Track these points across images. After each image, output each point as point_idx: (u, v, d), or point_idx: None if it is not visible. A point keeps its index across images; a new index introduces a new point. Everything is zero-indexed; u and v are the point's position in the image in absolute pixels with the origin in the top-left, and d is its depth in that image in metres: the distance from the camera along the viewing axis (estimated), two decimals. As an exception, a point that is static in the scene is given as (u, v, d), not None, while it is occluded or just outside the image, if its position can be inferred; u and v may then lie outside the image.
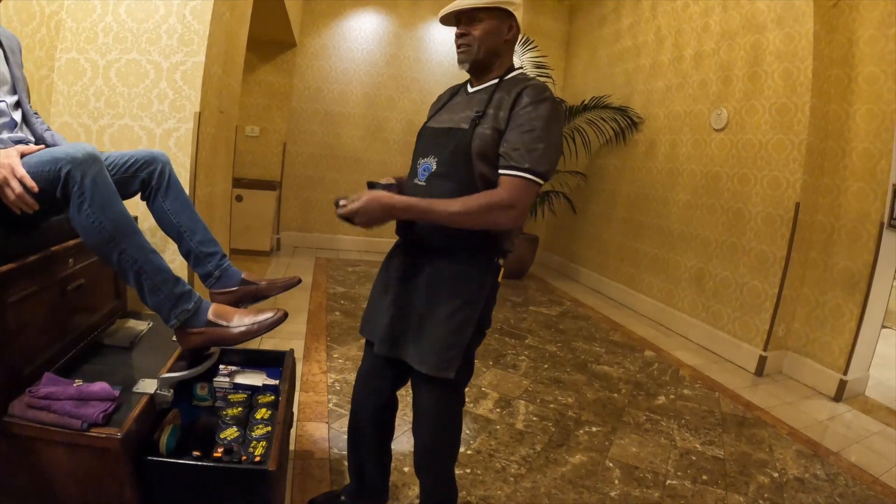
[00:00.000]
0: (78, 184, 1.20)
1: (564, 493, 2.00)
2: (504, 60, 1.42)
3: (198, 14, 2.19)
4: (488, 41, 1.36)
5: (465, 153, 1.32)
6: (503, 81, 1.39)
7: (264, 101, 5.69)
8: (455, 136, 1.35)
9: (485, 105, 1.35)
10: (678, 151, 4.54)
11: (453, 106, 1.47)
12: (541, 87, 1.33)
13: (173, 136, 2.22)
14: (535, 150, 1.27)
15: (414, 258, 1.43)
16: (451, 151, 1.35)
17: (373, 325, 1.51)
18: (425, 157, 1.41)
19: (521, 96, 1.31)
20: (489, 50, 1.37)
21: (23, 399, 1.22)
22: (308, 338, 3.26)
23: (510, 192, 1.27)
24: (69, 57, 2.15)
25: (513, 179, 1.27)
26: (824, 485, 2.27)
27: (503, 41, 1.38)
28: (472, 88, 1.45)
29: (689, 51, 4.49)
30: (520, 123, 1.29)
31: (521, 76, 1.41)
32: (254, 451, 1.36)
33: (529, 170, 1.26)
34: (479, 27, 1.35)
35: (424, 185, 1.38)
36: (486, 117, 1.33)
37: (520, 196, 1.27)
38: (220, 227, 2.91)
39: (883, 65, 3.17)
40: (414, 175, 1.43)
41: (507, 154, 1.28)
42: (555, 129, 1.31)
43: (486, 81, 1.42)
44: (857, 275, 3.26)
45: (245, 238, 5.15)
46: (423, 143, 1.45)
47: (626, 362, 3.52)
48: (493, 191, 1.28)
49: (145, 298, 1.32)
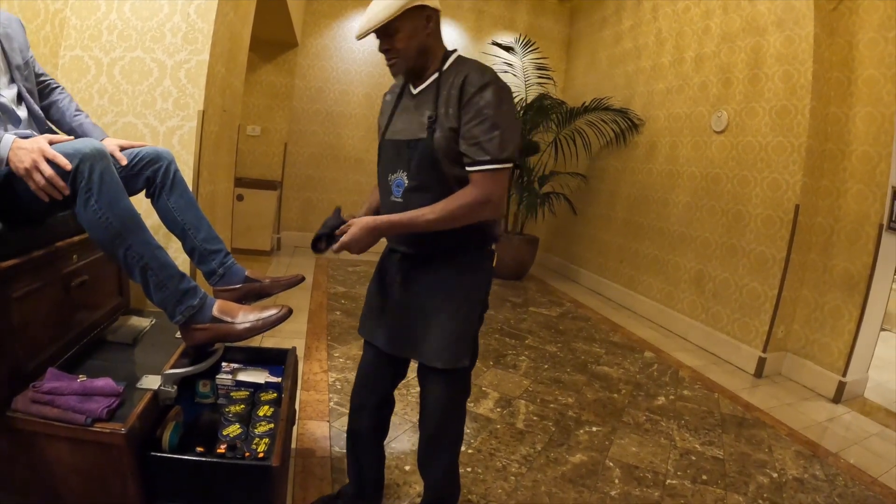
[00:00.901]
0: (85, 179, 1.20)
1: (565, 492, 2.01)
2: (435, 52, 1.38)
3: (202, 13, 2.20)
4: (413, 45, 1.33)
5: (432, 162, 1.32)
6: (443, 73, 1.36)
7: (266, 101, 5.69)
8: (417, 147, 1.34)
9: (434, 106, 1.34)
10: (678, 153, 4.55)
11: (403, 112, 1.43)
12: (479, 69, 1.32)
13: (177, 133, 2.22)
14: (493, 139, 1.27)
15: (411, 261, 1.45)
16: (417, 164, 1.34)
17: (375, 327, 1.53)
18: (394, 172, 1.40)
19: (464, 86, 1.29)
20: (418, 52, 1.34)
21: (27, 394, 1.23)
22: (309, 337, 3.26)
23: (481, 187, 1.29)
24: (73, 54, 2.16)
25: (480, 174, 1.29)
26: (823, 485, 2.28)
27: (427, 35, 1.34)
28: (416, 89, 1.41)
29: (690, 53, 4.50)
30: (471, 116, 1.28)
31: (458, 60, 1.39)
32: (256, 448, 1.36)
33: (492, 160, 1.28)
34: (398, 37, 1.31)
35: (401, 202, 1.38)
36: (439, 120, 1.32)
37: (492, 188, 1.30)
38: (222, 226, 2.91)
39: (882, 68, 3.18)
40: (388, 192, 1.42)
41: (468, 151, 1.29)
42: (505, 109, 1.30)
43: (426, 79, 1.39)
44: (856, 277, 3.27)
45: (246, 237, 5.15)
46: (387, 158, 1.43)
47: (625, 363, 3.52)
48: (465, 190, 1.31)
49: (150, 294, 1.33)
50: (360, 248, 1.30)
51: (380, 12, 1.25)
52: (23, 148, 1.18)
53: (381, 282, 1.54)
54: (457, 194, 1.30)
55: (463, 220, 1.31)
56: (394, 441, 2.16)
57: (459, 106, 1.29)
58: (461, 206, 1.29)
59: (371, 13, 1.27)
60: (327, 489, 1.83)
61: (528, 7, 6.47)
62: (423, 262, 1.44)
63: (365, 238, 1.29)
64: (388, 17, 1.25)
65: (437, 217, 1.28)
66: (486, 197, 1.29)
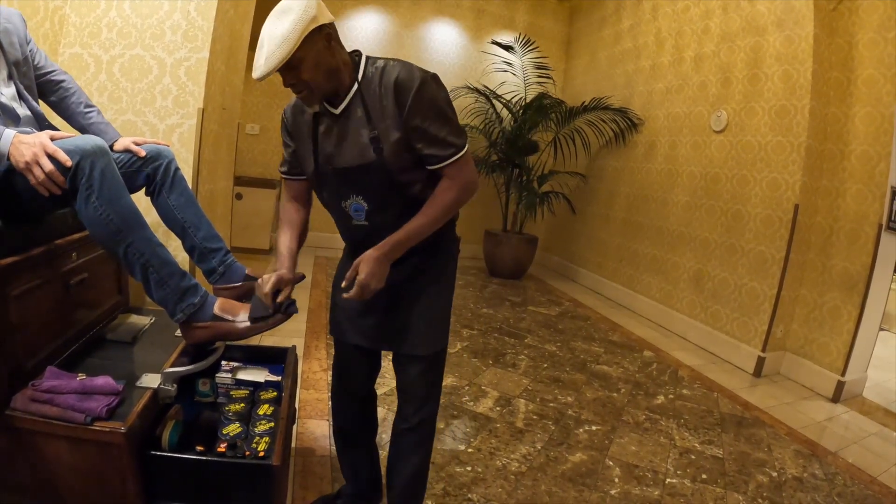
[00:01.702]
0: (86, 176, 1.20)
1: (565, 491, 2.01)
2: (344, 66, 1.26)
3: (202, 10, 2.19)
4: (321, 71, 1.20)
5: (389, 181, 1.29)
6: (362, 84, 1.27)
7: (265, 100, 5.69)
8: (370, 170, 1.27)
9: (369, 123, 1.26)
10: (678, 153, 4.55)
11: (330, 135, 1.32)
12: (406, 69, 1.24)
13: (176, 131, 2.22)
14: (451, 130, 1.27)
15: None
16: (376, 187, 1.30)
17: (349, 325, 1.50)
18: (346, 199, 1.34)
19: (398, 92, 1.22)
20: (327, 76, 1.22)
21: (26, 393, 1.22)
22: (308, 336, 3.26)
23: (458, 177, 1.30)
24: (72, 52, 2.15)
25: (452, 166, 1.29)
26: (823, 484, 2.28)
27: (331, 56, 1.22)
28: (337, 109, 1.29)
29: (690, 53, 4.51)
30: (421, 119, 1.24)
31: (374, 66, 1.28)
32: (257, 447, 1.36)
33: (456, 150, 1.28)
34: (303, 68, 1.17)
35: (366, 224, 1.35)
36: (381, 136, 1.25)
37: (467, 173, 1.31)
38: (221, 225, 2.91)
39: (882, 68, 3.18)
40: (346, 217, 1.38)
41: (432, 151, 1.27)
42: (443, 96, 1.27)
43: (344, 95, 1.28)
44: (855, 276, 3.27)
45: (245, 236, 5.14)
46: (334, 187, 1.35)
47: (625, 362, 3.53)
48: (444, 186, 1.30)
49: (151, 292, 1.32)
50: (380, 281, 1.27)
51: (276, 50, 1.11)
52: (24, 143, 1.17)
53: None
54: (439, 193, 1.30)
55: (454, 212, 1.34)
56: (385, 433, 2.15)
57: (400, 114, 1.23)
58: (451, 202, 1.30)
59: (266, 51, 1.12)
60: (327, 488, 1.83)
61: (527, 6, 6.46)
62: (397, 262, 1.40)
63: (381, 270, 1.26)
64: (288, 52, 1.12)
65: (433, 221, 1.29)
66: (466, 184, 1.31)
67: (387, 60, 1.28)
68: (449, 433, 2.32)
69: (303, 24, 1.13)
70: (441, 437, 2.26)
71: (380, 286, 1.27)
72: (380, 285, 1.27)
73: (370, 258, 1.26)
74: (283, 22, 1.12)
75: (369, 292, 1.26)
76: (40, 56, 1.60)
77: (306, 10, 1.14)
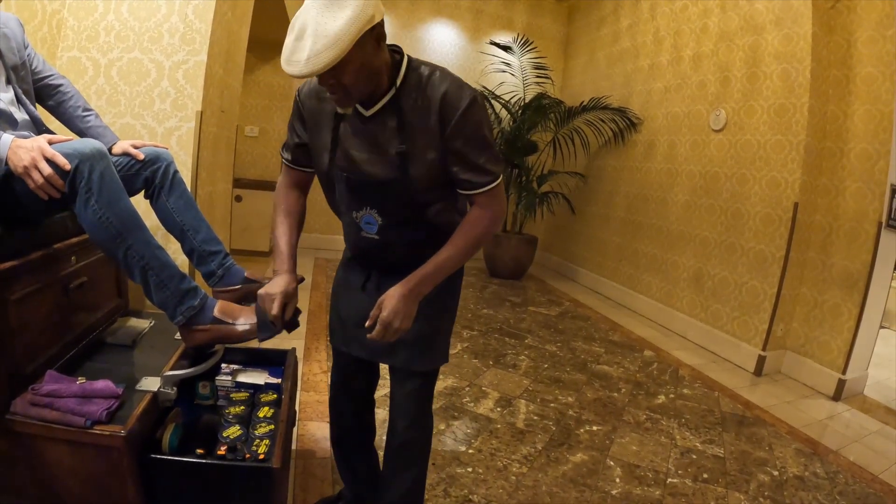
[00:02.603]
0: (85, 179, 1.20)
1: (566, 492, 2.00)
2: (386, 65, 1.13)
3: (200, 13, 2.19)
4: (363, 75, 1.07)
5: (410, 199, 1.21)
6: (400, 90, 1.15)
7: (263, 102, 5.69)
8: (390, 186, 1.19)
9: (400, 137, 1.15)
10: (677, 152, 4.55)
11: (355, 137, 1.21)
12: (455, 84, 1.15)
13: (175, 134, 2.22)
14: (490, 158, 1.19)
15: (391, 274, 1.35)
16: (393, 203, 1.22)
17: (348, 336, 1.45)
18: (359, 209, 1.26)
19: (444, 109, 1.13)
20: (368, 79, 1.09)
21: (25, 397, 1.22)
22: (308, 337, 3.26)
23: (490, 206, 1.23)
24: (71, 55, 2.15)
25: (486, 195, 1.21)
26: (824, 483, 2.28)
27: (377, 56, 1.09)
28: (368, 111, 1.18)
29: (688, 52, 4.51)
30: (464, 141, 1.15)
31: (416, 72, 1.17)
32: (257, 450, 1.36)
33: (492, 179, 1.21)
34: (347, 70, 1.03)
35: (378, 238, 1.28)
36: (412, 153, 1.16)
37: (499, 203, 1.24)
38: (221, 227, 2.91)
39: (881, 66, 3.18)
40: (356, 227, 1.30)
41: (469, 177, 1.19)
42: (487, 121, 1.20)
43: (379, 98, 1.16)
44: (855, 274, 3.27)
45: (244, 238, 5.14)
46: (347, 194, 1.26)
47: (625, 362, 3.52)
48: (476, 215, 1.23)
49: (151, 295, 1.32)
50: (406, 320, 1.18)
51: (324, 52, 0.96)
52: (22, 147, 1.17)
53: (350, 290, 1.45)
54: (471, 223, 1.22)
55: (484, 243, 1.26)
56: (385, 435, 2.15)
57: (442, 132, 1.14)
58: (482, 233, 1.22)
59: (311, 48, 0.96)
60: (328, 490, 1.83)
61: (525, 6, 6.47)
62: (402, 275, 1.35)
63: (406, 308, 1.17)
64: (338, 56, 0.97)
65: (464, 253, 1.22)
66: (498, 214, 1.24)
67: (432, 69, 1.17)
68: (450, 434, 2.32)
69: (360, 23, 0.98)
70: (442, 438, 2.26)
71: (406, 326, 1.18)
72: (406, 325, 1.18)
73: (395, 295, 1.16)
74: (335, 17, 0.96)
75: (393, 332, 1.17)
76: (38, 60, 1.60)
77: (365, 7, 0.99)
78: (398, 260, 1.31)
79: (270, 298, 1.23)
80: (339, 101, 1.10)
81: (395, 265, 1.32)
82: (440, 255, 1.21)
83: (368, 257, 1.36)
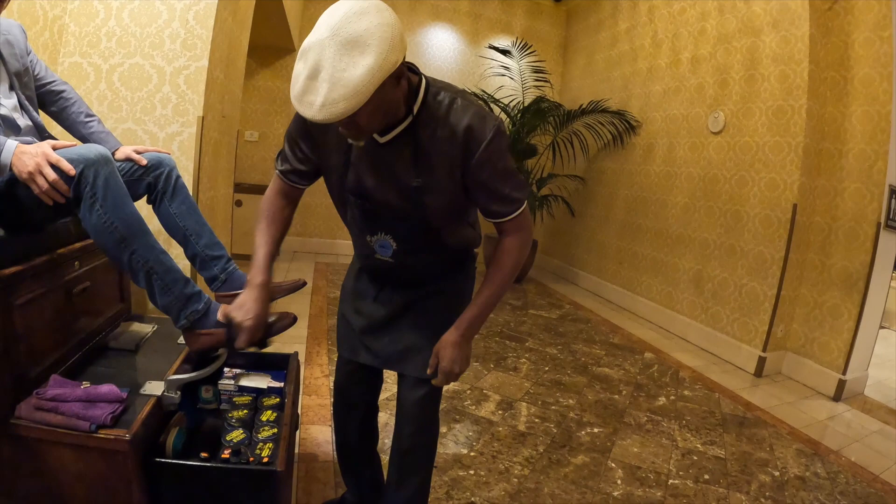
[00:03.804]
0: (90, 184, 1.20)
1: (567, 494, 2.01)
2: (404, 95, 1.07)
3: (200, 19, 2.21)
4: (380, 113, 1.02)
5: (426, 228, 1.21)
6: (419, 118, 1.10)
7: (264, 107, 5.70)
8: (405, 216, 1.18)
9: (415, 170, 1.12)
10: (676, 154, 4.56)
11: (368, 162, 1.16)
12: (478, 116, 1.10)
13: (176, 139, 2.23)
14: (515, 186, 1.19)
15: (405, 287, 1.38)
16: (408, 230, 1.22)
17: (357, 344, 1.45)
18: (373, 234, 1.25)
19: (469, 141, 1.09)
20: (384, 115, 1.04)
21: (30, 401, 1.22)
22: (310, 342, 3.26)
23: (518, 232, 1.24)
24: (72, 61, 2.16)
25: (513, 221, 1.22)
26: (825, 483, 2.28)
27: (395, 92, 1.02)
28: (383, 138, 1.12)
29: (686, 54, 4.53)
30: (488, 175, 1.13)
31: (436, 99, 1.11)
32: (261, 453, 1.36)
33: (518, 206, 1.21)
34: (362, 112, 0.95)
35: (392, 262, 1.28)
36: (429, 186, 1.13)
37: (527, 226, 1.26)
38: (222, 232, 2.92)
39: (878, 67, 3.20)
40: (370, 249, 1.29)
41: (497, 207, 1.19)
42: (508, 149, 1.17)
43: (395, 125, 1.10)
44: (854, 275, 3.28)
45: (245, 243, 5.13)
46: (360, 217, 1.25)
47: (626, 364, 3.53)
48: (508, 243, 1.24)
49: (155, 299, 1.33)
50: (464, 363, 1.24)
51: (341, 102, 0.89)
52: (26, 152, 1.18)
53: (360, 299, 1.46)
54: (505, 254, 1.23)
55: (519, 269, 1.27)
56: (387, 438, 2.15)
57: (465, 163, 1.11)
58: (517, 262, 1.24)
59: (326, 95, 0.89)
60: (331, 493, 1.83)
61: (524, 10, 6.49)
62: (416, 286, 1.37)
63: (462, 353, 1.23)
64: (356, 106, 0.91)
65: (504, 285, 1.24)
66: (526, 239, 1.26)
67: (452, 96, 1.11)
68: (451, 437, 2.33)
69: (382, 73, 0.91)
70: (444, 442, 2.27)
71: (465, 368, 1.24)
72: (465, 367, 1.24)
73: (450, 343, 1.22)
74: (355, 64, 0.88)
75: (454, 377, 1.24)
76: (40, 67, 1.61)
77: (389, 53, 0.91)
78: (413, 278, 1.34)
79: (239, 329, 1.21)
80: (352, 136, 1.06)
81: (409, 282, 1.34)
82: (482, 294, 1.23)
83: (382, 274, 1.37)
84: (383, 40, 0.90)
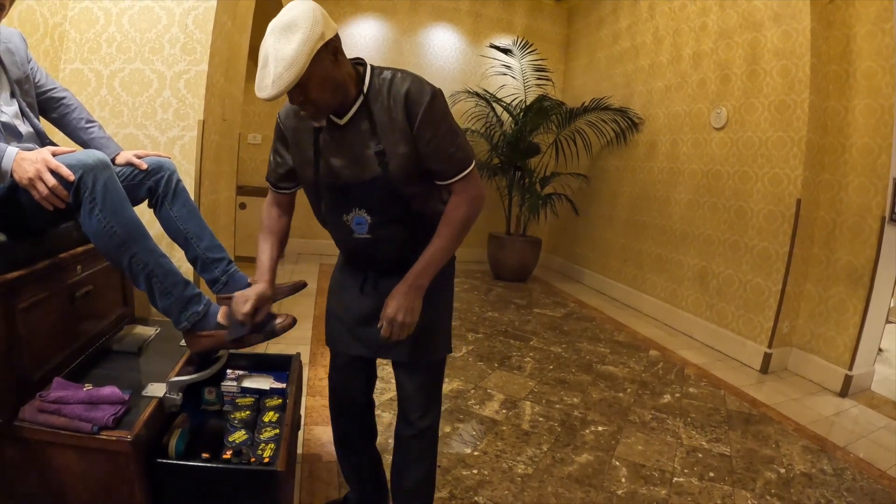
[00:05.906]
0: (89, 189, 1.22)
1: (571, 493, 2.01)
2: (350, 77, 1.22)
3: (200, 23, 2.22)
4: (328, 88, 1.16)
5: (394, 194, 1.27)
6: (368, 95, 1.24)
7: (266, 109, 5.73)
8: (375, 185, 1.26)
9: (375, 138, 1.24)
10: (679, 151, 4.55)
11: (333, 147, 1.29)
12: (416, 82, 1.22)
13: (177, 143, 2.24)
14: (460, 146, 1.27)
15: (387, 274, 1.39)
16: (380, 200, 1.28)
17: (347, 336, 1.49)
18: (348, 212, 1.32)
19: (409, 105, 1.21)
20: (333, 91, 1.18)
21: (33, 403, 1.24)
22: (313, 343, 3.27)
23: (468, 191, 1.30)
24: (73, 67, 2.18)
25: (461, 182, 1.29)
26: (832, 479, 2.27)
27: (337, 69, 1.17)
28: (342, 120, 1.26)
29: (688, 50, 4.51)
30: (432, 134, 1.23)
31: (380, 77, 1.25)
32: (262, 454, 1.37)
33: (465, 166, 1.28)
34: (310, 87, 1.13)
35: (369, 237, 1.33)
36: (390, 150, 1.24)
37: (476, 186, 1.31)
38: (225, 235, 2.93)
39: (880, 59, 3.18)
40: (348, 230, 1.35)
41: (443, 168, 1.27)
42: (448, 110, 1.27)
43: (350, 106, 1.24)
44: (859, 270, 3.25)
45: (248, 245, 5.15)
46: (335, 200, 1.33)
47: (630, 362, 3.52)
48: (456, 202, 1.30)
49: (156, 302, 1.34)
50: (410, 314, 1.26)
51: (284, 73, 1.07)
52: (27, 159, 1.20)
53: (346, 290, 1.48)
54: (451, 212, 1.30)
55: (468, 229, 1.32)
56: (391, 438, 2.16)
57: (410, 127, 1.22)
58: (463, 219, 1.30)
59: (273, 73, 1.08)
60: (333, 494, 1.84)
61: (525, 9, 6.49)
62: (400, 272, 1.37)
63: (409, 302, 1.26)
64: (297, 75, 1.08)
65: (452, 240, 1.29)
66: (474, 199, 1.31)
67: (394, 72, 1.25)
68: (455, 436, 2.33)
69: (311, 43, 1.07)
70: (447, 441, 2.27)
71: (411, 319, 1.26)
72: (411, 318, 1.26)
73: (396, 292, 1.26)
74: (289, 41, 1.07)
75: (399, 326, 1.26)
76: (41, 74, 1.63)
77: (313, 27, 1.08)
78: (392, 258, 1.37)
79: (244, 298, 1.31)
80: (311, 116, 1.20)
81: (389, 265, 1.37)
82: (430, 248, 1.29)
83: (363, 258, 1.40)
84: (307, 18, 1.08)
